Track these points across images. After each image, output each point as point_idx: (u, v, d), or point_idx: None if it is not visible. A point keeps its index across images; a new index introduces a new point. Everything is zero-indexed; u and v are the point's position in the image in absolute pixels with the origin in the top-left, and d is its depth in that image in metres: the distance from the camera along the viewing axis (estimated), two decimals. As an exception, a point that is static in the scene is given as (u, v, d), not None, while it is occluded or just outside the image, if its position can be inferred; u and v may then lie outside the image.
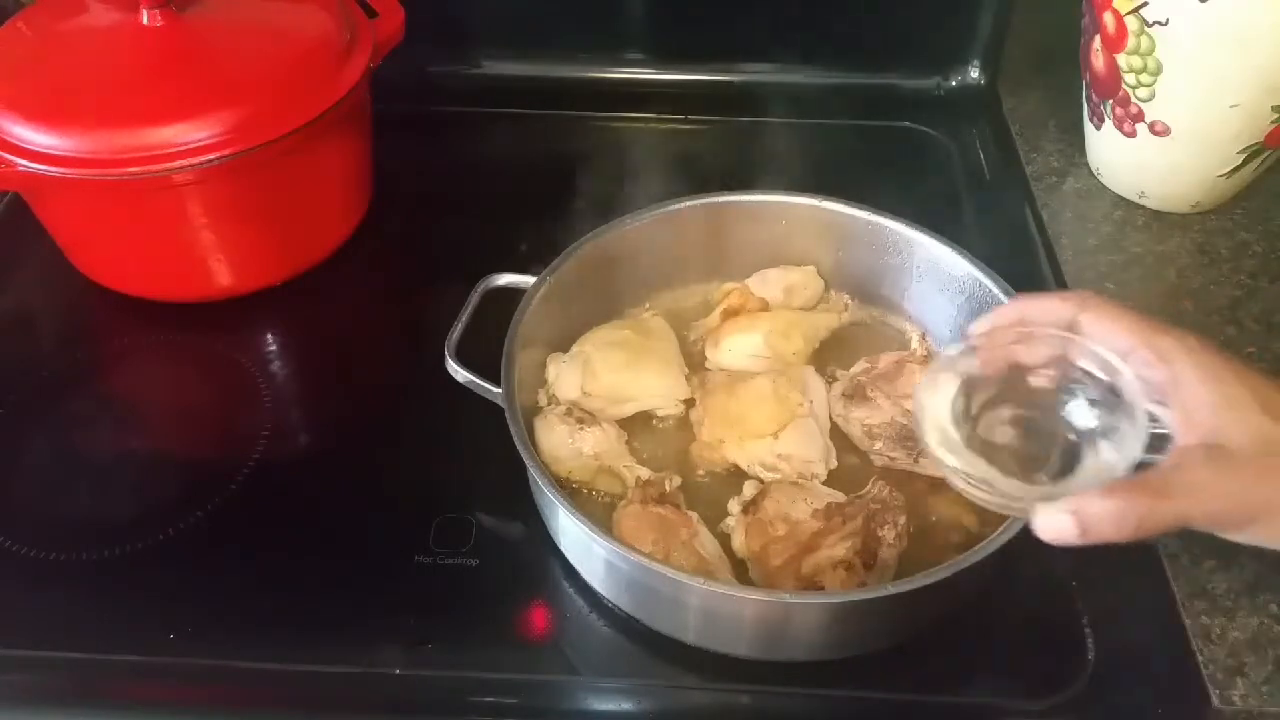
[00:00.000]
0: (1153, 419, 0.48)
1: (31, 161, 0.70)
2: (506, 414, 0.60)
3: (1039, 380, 0.52)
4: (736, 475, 0.66)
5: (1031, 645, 0.61)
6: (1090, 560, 0.64)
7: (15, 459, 0.72)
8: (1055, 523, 0.46)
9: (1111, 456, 0.49)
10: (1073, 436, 0.51)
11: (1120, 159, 0.85)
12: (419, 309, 0.78)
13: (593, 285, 0.72)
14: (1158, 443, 0.48)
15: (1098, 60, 0.81)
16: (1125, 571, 0.63)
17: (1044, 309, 0.52)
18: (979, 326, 0.54)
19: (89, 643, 0.61)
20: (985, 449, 0.51)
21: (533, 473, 0.59)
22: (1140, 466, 0.47)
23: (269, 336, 0.81)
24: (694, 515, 0.61)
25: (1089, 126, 0.87)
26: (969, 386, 0.53)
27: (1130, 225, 0.84)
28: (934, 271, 0.71)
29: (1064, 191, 0.88)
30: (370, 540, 0.66)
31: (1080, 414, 0.51)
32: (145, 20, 0.75)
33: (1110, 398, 0.49)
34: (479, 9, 0.99)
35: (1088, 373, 0.51)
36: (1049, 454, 0.51)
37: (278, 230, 0.80)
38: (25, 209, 0.80)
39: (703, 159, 0.86)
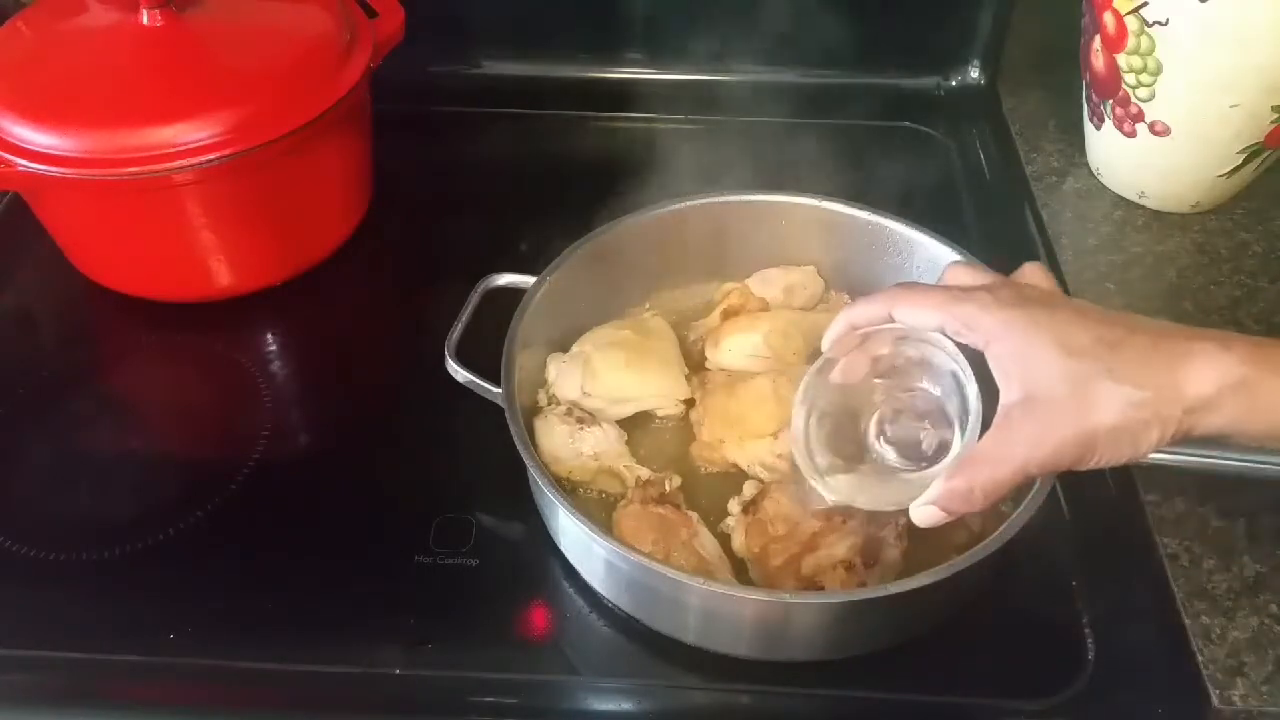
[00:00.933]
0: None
1: (31, 161, 0.70)
2: (506, 414, 0.60)
3: (892, 380, 0.57)
4: (736, 475, 0.66)
5: (1031, 645, 0.61)
6: (1091, 560, 0.64)
7: (15, 459, 0.72)
8: (924, 514, 0.51)
9: (960, 433, 0.53)
10: (931, 423, 0.56)
11: (1120, 159, 0.85)
12: (419, 309, 0.78)
13: (593, 285, 0.72)
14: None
15: (1098, 60, 0.81)
16: (1125, 571, 0.63)
17: (866, 313, 0.55)
18: (825, 342, 0.57)
19: (89, 643, 0.61)
20: (869, 456, 0.57)
21: (533, 473, 0.59)
22: None
23: (269, 336, 0.81)
24: (694, 515, 0.61)
25: (1089, 126, 0.87)
26: (834, 407, 0.58)
27: (1130, 225, 0.84)
28: (934, 271, 0.71)
29: (1064, 191, 0.88)
30: (370, 540, 0.66)
31: (930, 400, 0.56)
32: (145, 20, 0.75)
33: (950, 380, 0.54)
34: (479, 9, 0.99)
35: (924, 359, 0.55)
36: (923, 443, 0.56)
37: (278, 230, 0.80)
38: (25, 209, 0.80)
39: (703, 159, 0.86)
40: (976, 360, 0.51)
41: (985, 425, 0.51)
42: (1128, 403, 0.46)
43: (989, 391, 0.51)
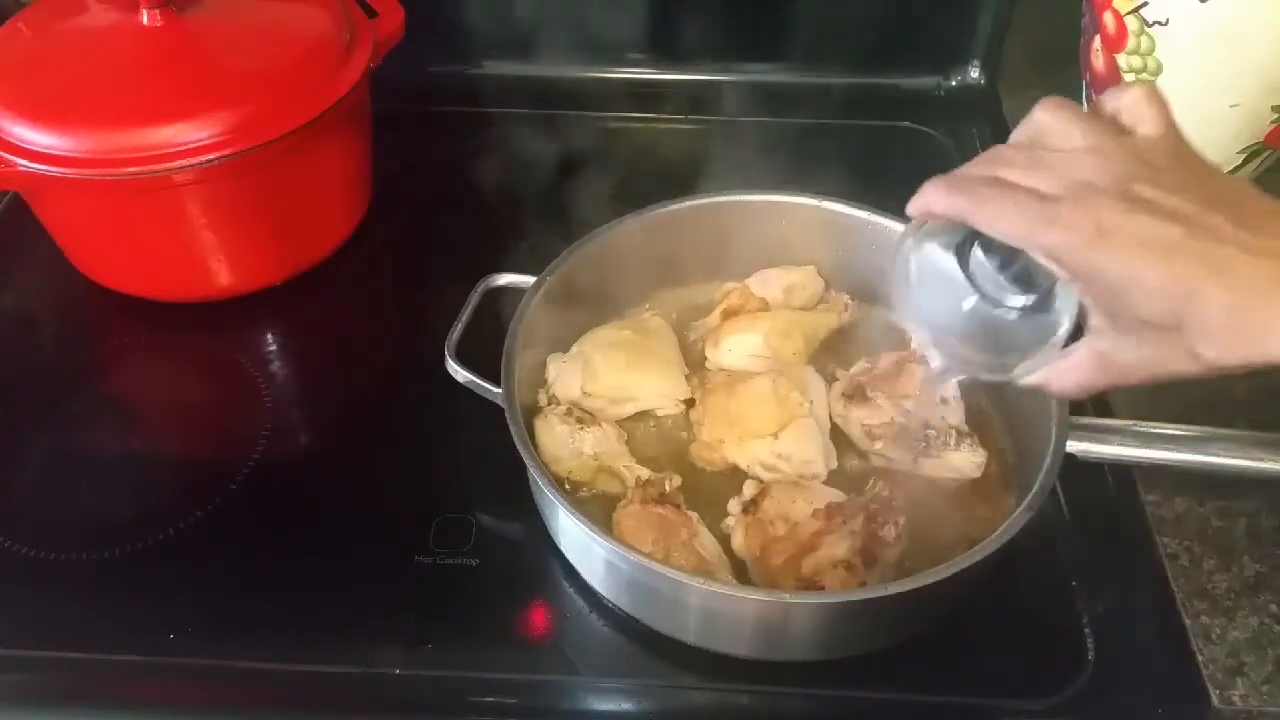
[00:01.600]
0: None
1: (31, 161, 0.70)
2: (506, 414, 0.60)
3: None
4: (736, 475, 0.66)
5: (1031, 645, 0.61)
6: (1091, 560, 0.64)
7: (15, 459, 0.72)
8: (1068, 374, 0.49)
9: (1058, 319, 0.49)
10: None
11: (1120, 159, 0.85)
12: (419, 309, 0.78)
13: (593, 285, 0.72)
14: None
15: (1098, 60, 0.81)
16: (1125, 571, 0.63)
17: (942, 205, 0.48)
18: (910, 208, 0.50)
19: (89, 643, 0.61)
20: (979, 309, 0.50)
21: (533, 473, 0.59)
22: None
23: (269, 336, 0.81)
24: (694, 515, 0.61)
25: (1089, 126, 0.87)
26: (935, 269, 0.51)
27: (1130, 225, 0.84)
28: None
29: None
30: (370, 540, 0.66)
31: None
32: (145, 20, 0.75)
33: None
34: (479, 9, 0.99)
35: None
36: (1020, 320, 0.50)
37: (278, 230, 0.80)
38: (25, 209, 0.80)
39: (703, 159, 0.86)
40: None
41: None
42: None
43: None
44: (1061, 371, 0.49)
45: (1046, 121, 0.48)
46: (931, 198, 0.48)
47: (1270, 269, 0.42)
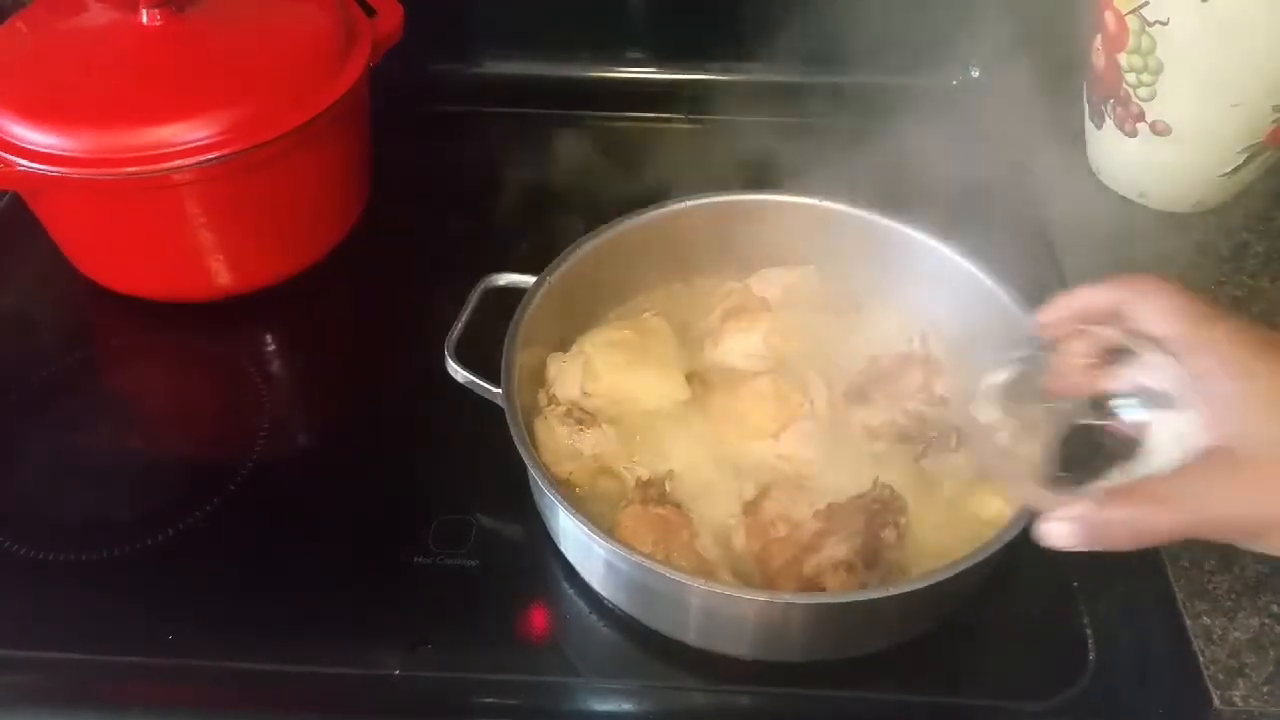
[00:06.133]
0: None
1: (31, 161, 0.70)
2: (506, 414, 0.60)
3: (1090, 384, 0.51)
4: (737, 475, 0.65)
5: (1031, 645, 0.61)
6: (1091, 561, 0.64)
7: (15, 459, 0.72)
8: (1055, 532, 0.46)
9: (1143, 459, 0.47)
10: (1110, 440, 0.49)
11: (1120, 159, 0.85)
12: (419, 309, 0.78)
13: (593, 285, 0.72)
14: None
15: (1098, 60, 0.81)
16: (1126, 572, 0.63)
17: (1095, 299, 0.50)
18: (1045, 315, 0.52)
19: (89, 643, 0.61)
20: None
21: (533, 473, 0.59)
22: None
23: (268, 336, 0.81)
24: (694, 515, 0.61)
25: (1089, 126, 0.87)
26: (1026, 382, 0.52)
27: (1130, 225, 0.84)
28: (934, 271, 0.71)
29: (1064, 191, 0.88)
30: (370, 540, 0.66)
31: (1122, 414, 0.49)
32: (145, 20, 0.75)
33: (1155, 396, 0.47)
34: (479, 8, 0.99)
35: (1133, 373, 0.49)
36: (1089, 456, 0.50)
37: (277, 230, 0.80)
38: (25, 209, 0.80)
39: (703, 159, 0.86)
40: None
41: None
42: None
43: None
44: (1126, 503, 0.45)
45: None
46: (1081, 296, 0.50)
47: None
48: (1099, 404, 0.50)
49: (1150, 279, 0.49)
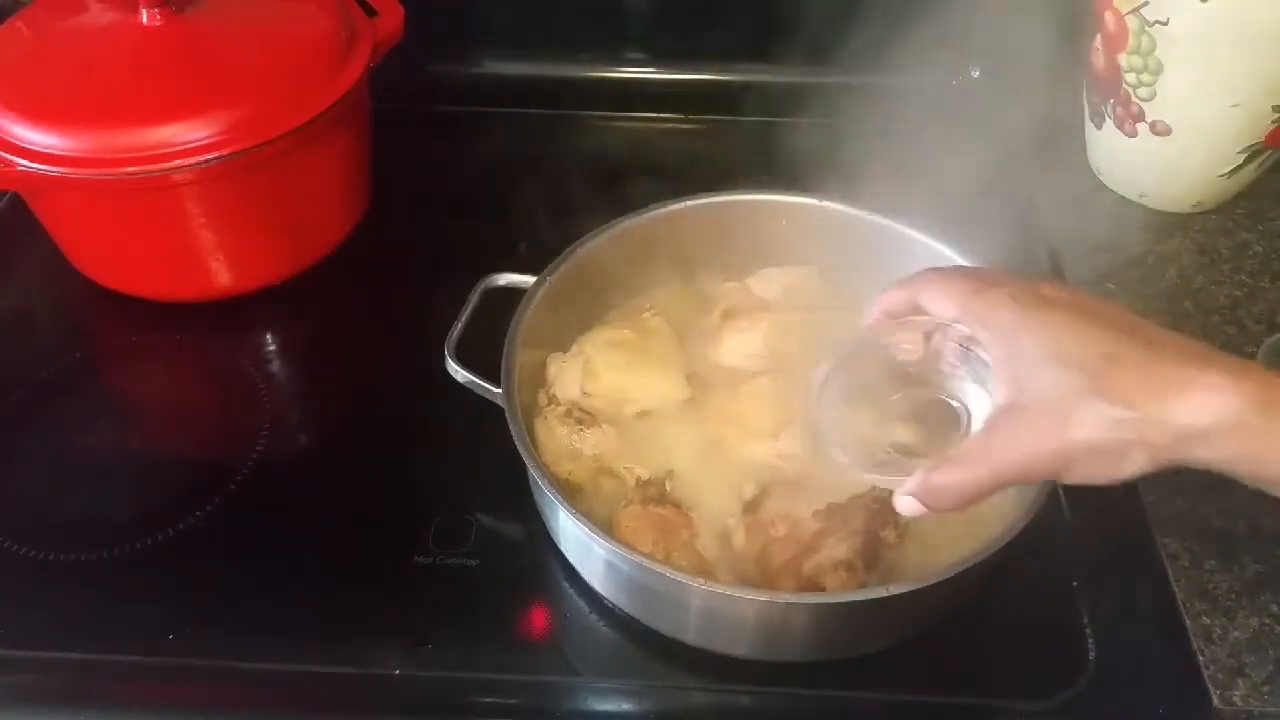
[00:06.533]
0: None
1: (31, 161, 0.70)
2: (506, 414, 0.60)
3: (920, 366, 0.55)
4: (737, 475, 0.65)
5: (1031, 645, 0.61)
6: (1091, 560, 0.64)
7: (15, 459, 0.72)
8: (903, 504, 0.50)
9: (974, 426, 0.51)
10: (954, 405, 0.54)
11: (1120, 159, 0.85)
12: (419, 309, 0.78)
13: (593, 285, 0.72)
14: None
15: (1098, 60, 0.81)
16: (1126, 572, 0.63)
17: (896, 300, 0.54)
18: (867, 319, 0.57)
19: (89, 643, 0.61)
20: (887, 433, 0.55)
21: (533, 473, 0.59)
22: None
23: (269, 336, 0.81)
24: (694, 515, 0.61)
25: (1089, 126, 0.87)
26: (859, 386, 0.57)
27: (1130, 225, 0.84)
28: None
29: (1064, 191, 0.88)
30: (370, 540, 0.66)
31: (951, 388, 0.54)
32: (145, 20, 0.75)
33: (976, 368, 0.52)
34: (479, 9, 0.99)
35: (952, 350, 0.53)
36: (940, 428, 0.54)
37: (278, 230, 0.80)
38: (25, 209, 0.80)
39: (703, 159, 0.86)
40: None
41: None
42: (1111, 421, 0.45)
43: None
44: (944, 468, 0.49)
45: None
46: (887, 298, 0.55)
47: (1181, 343, 0.46)
48: (933, 381, 0.54)
49: (928, 271, 0.54)
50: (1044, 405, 0.46)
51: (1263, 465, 0.45)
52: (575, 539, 0.61)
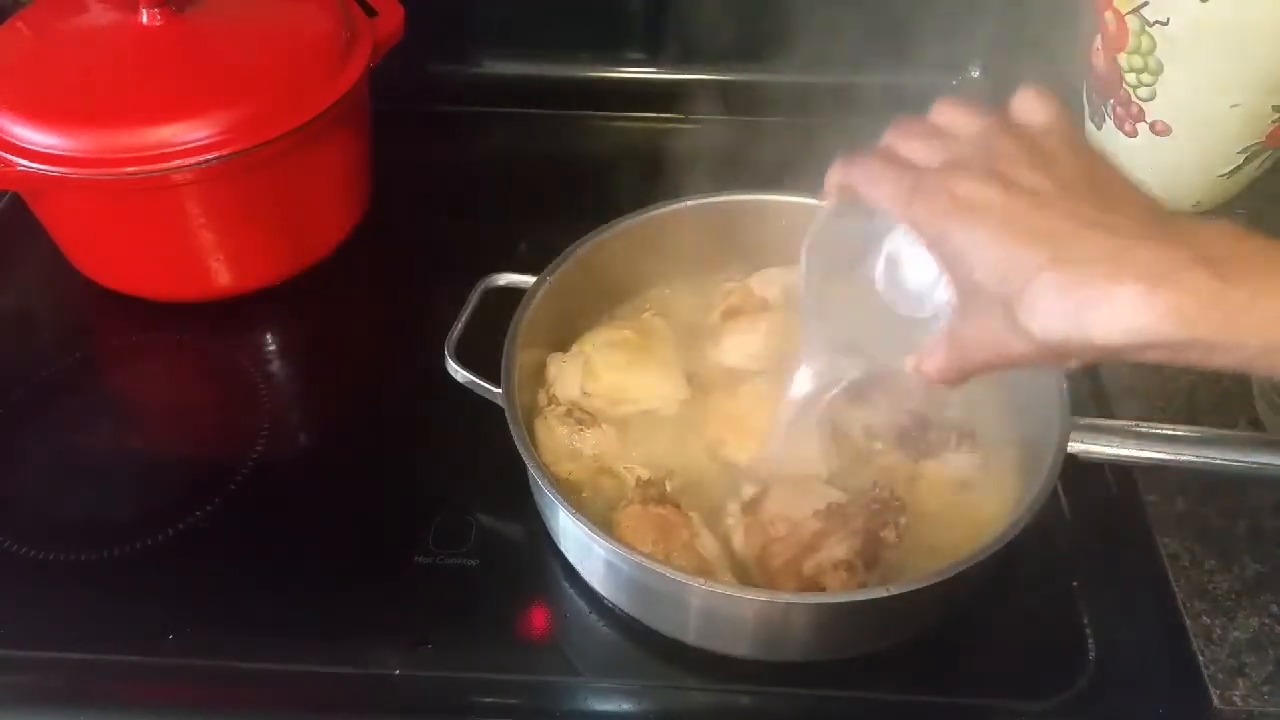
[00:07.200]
0: None
1: (31, 161, 0.70)
2: (506, 414, 0.60)
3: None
4: (737, 475, 0.65)
5: (1031, 645, 0.61)
6: (1091, 560, 0.64)
7: (15, 459, 0.72)
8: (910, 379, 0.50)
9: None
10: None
11: (1121, 159, 0.83)
12: (419, 309, 0.78)
13: (593, 285, 0.72)
14: None
15: (1098, 60, 0.81)
16: (1126, 571, 0.63)
17: (837, 182, 0.53)
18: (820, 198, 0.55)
19: (89, 643, 0.61)
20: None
21: (533, 473, 0.59)
22: None
23: (269, 336, 0.81)
24: (694, 515, 0.61)
25: (1089, 126, 0.87)
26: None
27: (1130, 225, 0.84)
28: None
29: (1064, 191, 0.87)
30: (370, 540, 0.66)
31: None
32: (145, 20, 0.75)
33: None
34: (479, 9, 0.99)
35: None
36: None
37: (278, 230, 0.80)
38: (25, 209, 0.80)
39: (703, 159, 0.86)
40: None
41: None
42: (1038, 345, 0.43)
43: None
44: (921, 356, 0.49)
45: (946, 115, 0.53)
46: (830, 175, 0.53)
47: (1106, 244, 0.42)
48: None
49: (859, 159, 0.52)
50: (983, 317, 0.45)
51: (1206, 361, 0.42)
52: (575, 539, 0.61)
